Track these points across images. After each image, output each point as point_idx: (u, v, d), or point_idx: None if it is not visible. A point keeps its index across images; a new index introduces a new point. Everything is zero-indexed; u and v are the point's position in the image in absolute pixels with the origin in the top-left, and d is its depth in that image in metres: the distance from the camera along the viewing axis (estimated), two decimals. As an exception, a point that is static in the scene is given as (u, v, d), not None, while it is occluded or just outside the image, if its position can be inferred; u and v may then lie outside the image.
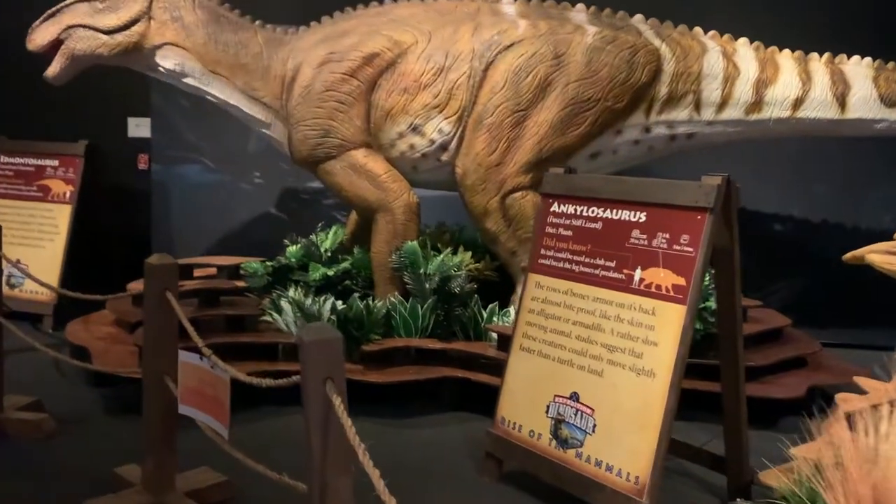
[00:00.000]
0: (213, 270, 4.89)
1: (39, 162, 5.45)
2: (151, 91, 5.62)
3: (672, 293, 2.50)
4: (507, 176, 4.00)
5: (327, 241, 4.68)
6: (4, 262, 4.77)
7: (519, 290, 4.11)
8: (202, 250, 5.62)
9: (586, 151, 4.13)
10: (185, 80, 4.31)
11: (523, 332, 2.96)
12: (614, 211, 2.75)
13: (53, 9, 4.32)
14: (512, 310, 4.03)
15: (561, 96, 3.98)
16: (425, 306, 3.92)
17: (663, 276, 2.55)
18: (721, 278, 2.67)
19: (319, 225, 4.70)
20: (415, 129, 4.10)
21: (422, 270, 3.96)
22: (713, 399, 2.96)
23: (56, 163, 5.39)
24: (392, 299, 4.01)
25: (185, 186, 5.76)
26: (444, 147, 4.12)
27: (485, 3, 4.28)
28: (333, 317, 3.78)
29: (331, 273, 4.18)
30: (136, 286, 4.52)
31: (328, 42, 4.20)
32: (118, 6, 4.26)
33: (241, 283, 4.70)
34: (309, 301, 3.99)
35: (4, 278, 5.26)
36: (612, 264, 2.71)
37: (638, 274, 2.62)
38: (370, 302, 3.95)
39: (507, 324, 3.95)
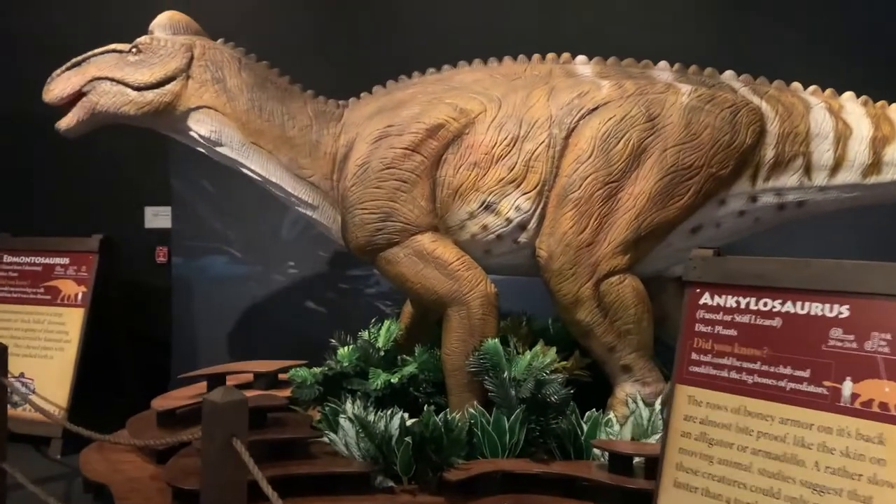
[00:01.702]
0: (249, 377, 4.26)
1: (47, 260, 4.85)
2: (171, 176, 5.08)
3: (906, 414, 1.86)
4: (600, 258, 3.40)
5: (380, 338, 4.08)
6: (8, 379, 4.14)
7: (619, 394, 3.50)
8: (230, 353, 4.99)
9: (687, 225, 3.55)
10: (220, 149, 3.76)
11: (678, 463, 2.30)
12: (800, 304, 2.14)
13: (79, 57, 3.81)
14: (613, 417, 3.39)
15: (659, 164, 3.42)
16: (513, 418, 3.27)
17: (889, 392, 1.91)
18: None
19: (373, 321, 4.08)
20: (488, 208, 3.53)
21: (506, 374, 3.32)
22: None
23: (66, 261, 4.80)
24: (471, 411, 3.36)
25: (209, 280, 5.16)
26: (522, 226, 3.54)
27: (557, 65, 3.77)
28: (408, 438, 3.11)
29: (394, 380, 3.54)
30: (161, 403, 3.87)
31: (384, 114, 3.67)
32: (153, 61, 3.74)
33: (279, 391, 4.08)
34: (372, 416, 3.33)
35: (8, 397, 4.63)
36: (805, 374, 2.08)
37: (848, 388, 1.99)
38: (448, 417, 3.29)
39: (612, 436, 3.29)
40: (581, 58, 3.78)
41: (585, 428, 3.31)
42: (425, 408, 3.36)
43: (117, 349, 5.11)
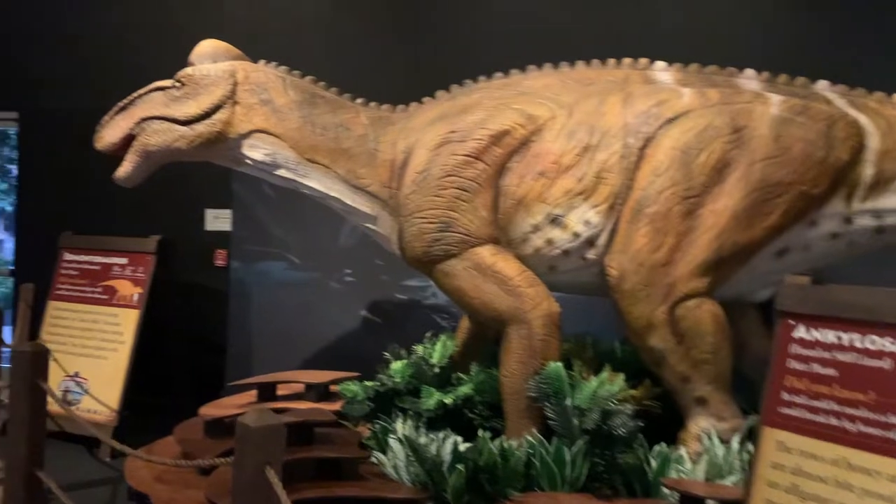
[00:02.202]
0: (300, 387, 4.13)
1: (106, 260, 4.85)
2: (233, 179, 5.01)
3: None
4: (677, 279, 3.13)
5: (435, 354, 3.87)
6: (63, 377, 4.11)
7: (692, 428, 3.21)
8: (284, 360, 4.87)
9: (772, 248, 3.25)
10: (278, 172, 3.64)
11: (763, 517, 2.02)
12: (917, 344, 1.84)
13: (124, 101, 3.73)
14: (685, 453, 3.10)
15: (744, 179, 3.14)
16: (575, 450, 3.02)
17: None
18: None
19: (428, 335, 3.89)
20: (554, 221, 3.30)
21: (568, 401, 3.07)
22: None
23: (125, 261, 4.78)
24: (529, 439, 3.12)
25: (266, 286, 5.06)
26: (591, 242, 3.29)
27: (634, 71, 3.52)
28: (460, 466, 2.90)
29: (448, 401, 3.33)
30: (209, 411, 3.76)
31: (447, 120, 3.48)
32: (198, 92, 3.64)
33: (330, 404, 3.93)
34: (423, 439, 3.14)
35: (60, 394, 4.62)
36: (921, 426, 1.78)
37: (976, 445, 1.68)
38: (504, 444, 3.06)
39: (684, 474, 3.00)
40: (660, 64, 3.52)
41: (654, 464, 3.03)
42: (480, 432, 3.15)
43: (171, 352, 5.07)
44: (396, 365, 3.66)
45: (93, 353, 4.63)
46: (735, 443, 3.08)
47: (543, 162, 3.31)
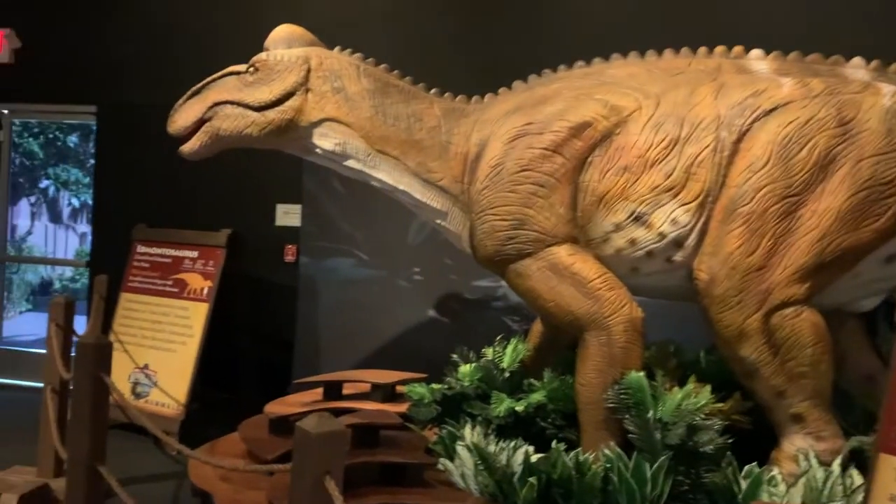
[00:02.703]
0: (366, 387, 4.02)
1: (177, 253, 4.86)
2: (303, 174, 4.95)
3: None
4: (773, 285, 2.87)
5: (505, 358, 3.70)
6: (133, 369, 4.12)
7: (787, 447, 2.94)
8: (351, 358, 4.78)
9: (881, 252, 2.95)
10: (347, 162, 3.53)
11: (882, 557, 1.77)
12: None
13: (198, 85, 3.68)
14: (778, 474, 2.84)
15: (851, 177, 2.85)
16: (656, 466, 2.79)
17: None
18: None
19: (498, 338, 3.72)
20: (638, 219, 3.08)
21: (650, 414, 2.85)
22: None
23: (195, 254, 4.78)
24: (606, 452, 2.91)
25: (334, 282, 4.99)
26: (678, 243, 3.06)
27: (726, 60, 3.26)
28: (532, 479, 2.72)
29: (519, 408, 3.15)
30: (274, 408, 3.69)
31: (523, 111, 3.30)
32: (270, 78, 3.56)
33: (395, 405, 3.81)
34: (493, 447, 2.97)
35: (130, 386, 4.65)
36: None
37: None
38: (580, 457, 2.86)
39: (777, 497, 2.75)
40: (756, 52, 3.25)
41: (744, 485, 2.78)
42: (553, 444, 2.96)
43: (239, 346, 5.04)
44: (465, 368, 3.51)
45: (162, 345, 4.65)
46: (836, 466, 2.80)
47: (627, 156, 3.09)
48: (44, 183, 13.94)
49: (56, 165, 13.57)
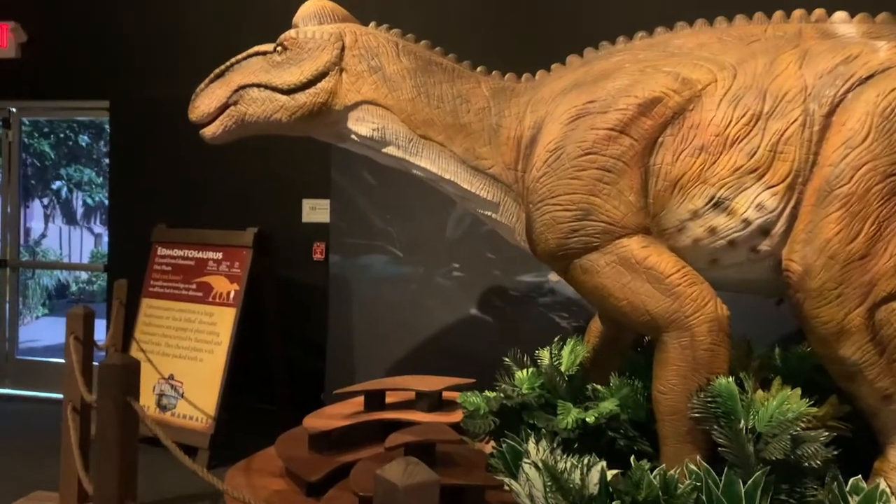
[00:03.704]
0: (410, 395, 3.72)
1: (200, 254, 4.56)
2: (331, 166, 4.64)
3: None
4: (878, 275, 2.54)
5: (563, 361, 3.39)
6: (157, 380, 3.84)
7: (894, 457, 2.62)
8: (388, 361, 4.49)
9: None
10: (387, 149, 3.21)
11: None
12: None
13: (221, 67, 3.36)
14: (886, 487, 2.51)
15: (965, 152, 2.51)
16: (751, 483, 2.48)
17: None
18: None
19: (556, 339, 3.41)
20: (718, 205, 2.75)
21: (742, 425, 2.53)
22: None
23: (219, 255, 4.48)
24: (692, 467, 2.59)
25: (368, 281, 4.68)
26: (764, 231, 2.73)
27: (807, 25, 2.91)
28: (616, 502, 2.40)
29: (590, 419, 2.83)
30: (314, 422, 3.40)
31: (583, 88, 2.97)
32: (300, 58, 3.23)
33: (443, 415, 3.52)
34: (563, 463, 2.66)
35: (155, 398, 4.37)
36: None
37: None
38: (664, 473, 2.55)
39: (891, 516, 2.42)
40: (840, 14, 2.90)
41: (853, 502, 2.46)
42: (632, 460, 2.65)
43: (269, 352, 4.75)
44: (522, 374, 3.20)
45: (188, 354, 4.36)
46: (955, 480, 2.48)
47: (704, 134, 2.76)
48: (56, 184, 13.75)
49: (68, 166, 13.37)
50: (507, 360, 3.42)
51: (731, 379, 2.62)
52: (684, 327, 2.69)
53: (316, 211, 4.97)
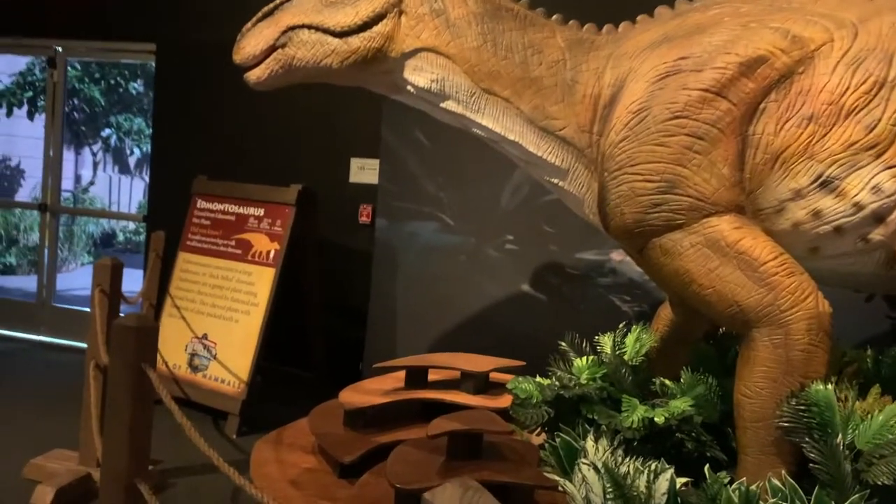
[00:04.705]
0: (455, 374, 3.45)
1: (241, 210, 4.32)
2: (382, 124, 4.34)
3: None
4: None
5: (627, 350, 3.07)
6: (190, 338, 3.63)
7: None
8: (430, 335, 4.22)
9: None
10: (445, 104, 2.88)
11: None
12: None
13: (270, 6, 3.06)
14: None
15: None
16: (847, 505, 2.13)
17: None
18: None
19: (622, 325, 3.08)
20: (825, 185, 2.38)
21: (839, 440, 2.18)
22: None
23: (261, 212, 4.23)
24: (776, 483, 2.26)
25: (415, 249, 4.40)
26: (878, 217, 2.35)
27: (941, -24, 2.49)
28: (689, 518, 2.09)
29: (658, 419, 2.51)
30: (350, 397, 3.15)
31: (674, 42, 2.59)
32: None
33: (490, 398, 3.25)
34: (625, 467, 2.35)
35: (187, 358, 4.18)
36: None
37: None
38: (746, 488, 2.22)
39: None
40: (984, -31, 2.47)
41: (969, 539, 2.10)
42: (706, 470, 2.32)
43: (307, 316, 4.51)
44: (581, 362, 2.89)
45: (223, 314, 4.14)
46: None
47: (814, 102, 2.37)
48: (106, 132, 13.72)
49: (119, 114, 13.31)
50: (563, 344, 3.12)
51: (829, 386, 2.27)
52: (779, 323, 2.33)
53: (364, 171, 4.68)
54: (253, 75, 3.03)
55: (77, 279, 10.03)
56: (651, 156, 2.49)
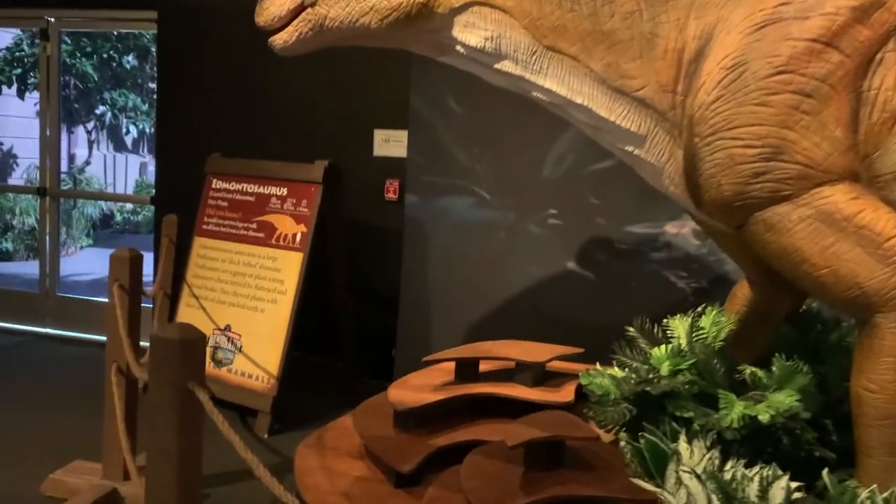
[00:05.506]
0: (509, 364, 3.16)
1: (262, 189, 3.99)
2: (410, 90, 4.00)
3: None
4: None
5: (705, 334, 2.79)
6: (212, 330, 3.33)
7: None
8: (467, 319, 3.93)
9: None
10: (500, 65, 2.53)
11: None
12: None
13: None
14: None
15: None
16: None
17: None
18: None
19: (701, 307, 2.80)
20: (955, 149, 2.06)
21: None
22: None
23: (284, 191, 3.90)
24: (906, 489, 1.98)
25: (448, 226, 4.08)
26: None
27: None
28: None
29: (763, 417, 2.23)
30: (400, 395, 2.86)
31: (771, -14, 2.25)
32: None
33: (550, 391, 2.98)
34: (728, 474, 2.08)
35: (210, 352, 3.87)
36: None
37: None
38: (879, 496, 1.95)
39: None
40: None
41: None
42: (824, 475, 2.05)
43: (335, 302, 4.21)
44: (660, 352, 2.59)
45: (247, 303, 3.83)
46: None
47: (943, 52, 2.06)
48: (100, 109, 13.26)
49: (113, 90, 12.84)
50: (630, 330, 2.83)
51: (971, 379, 1.99)
52: (907, 308, 2.04)
53: (389, 143, 4.35)
54: (279, 39, 2.67)
55: (79, 264, 9.70)
56: (752, 117, 2.17)
